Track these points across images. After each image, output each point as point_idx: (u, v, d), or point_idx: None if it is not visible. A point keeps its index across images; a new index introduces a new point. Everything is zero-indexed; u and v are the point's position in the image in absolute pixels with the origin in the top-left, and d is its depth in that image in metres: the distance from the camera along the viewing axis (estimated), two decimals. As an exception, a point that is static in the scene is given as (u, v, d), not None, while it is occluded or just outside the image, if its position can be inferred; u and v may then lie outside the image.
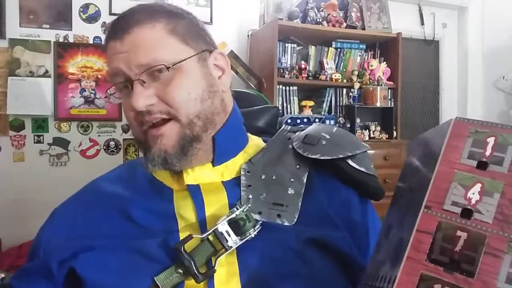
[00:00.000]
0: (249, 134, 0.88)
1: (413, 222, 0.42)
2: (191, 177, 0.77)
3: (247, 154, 0.83)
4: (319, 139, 0.81)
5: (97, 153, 2.83)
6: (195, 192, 0.75)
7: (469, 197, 0.42)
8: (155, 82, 0.72)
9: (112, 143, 2.86)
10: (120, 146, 2.87)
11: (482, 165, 0.43)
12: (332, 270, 0.72)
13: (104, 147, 2.84)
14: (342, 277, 0.73)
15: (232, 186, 0.77)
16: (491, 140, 0.44)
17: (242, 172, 0.78)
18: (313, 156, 0.78)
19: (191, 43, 0.76)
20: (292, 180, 0.78)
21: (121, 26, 0.73)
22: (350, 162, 0.79)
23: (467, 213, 0.41)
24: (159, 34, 0.73)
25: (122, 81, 0.74)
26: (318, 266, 0.70)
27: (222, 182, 0.78)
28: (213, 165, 0.78)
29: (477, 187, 0.42)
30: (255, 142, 0.87)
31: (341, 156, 0.78)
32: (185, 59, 0.74)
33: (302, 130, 0.87)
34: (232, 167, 0.80)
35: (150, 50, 0.71)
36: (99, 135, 2.83)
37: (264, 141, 0.89)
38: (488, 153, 0.44)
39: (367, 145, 0.84)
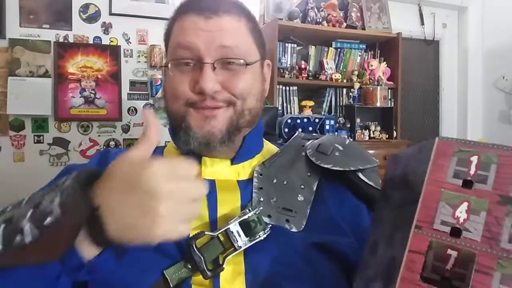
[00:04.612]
0: (263, 139, 0.92)
1: (404, 240, 0.43)
2: (208, 171, 0.79)
3: (262, 157, 0.85)
4: (333, 150, 0.83)
5: (97, 153, 2.83)
6: (210, 188, 0.75)
7: (457, 216, 0.42)
8: (223, 71, 0.75)
9: (112, 143, 2.86)
10: (120, 146, 2.87)
11: (467, 184, 0.44)
12: (336, 273, 0.72)
13: (104, 147, 2.85)
14: (345, 281, 0.74)
15: (246, 186, 0.79)
16: (474, 159, 0.45)
17: (255, 174, 0.80)
18: (326, 166, 0.80)
19: (259, 47, 0.82)
20: (302, 187, 0.79)
21: (208, 4, 0.76)
22: (360, 175, 0.81)
23: (456, 232, 0.42)
24: (243, 30, 0.78)
25: (188, 57, 0.76)
26: (322, 269, 0.71)
27: (237, 181, 0.79)
28: (232, 163, 0.81)
29: (464, 205, 0.43)
30: (269, 147, 0.91)
31: (352, 168, 0.80)
32: (256, 61, 0.80)
33: (316, 138, 0.89)
34: (247, 168, 0.82)
35: (235, 38, 0.75)
36: (99, 135, 2.83)
37: (278, 147, 0.92)
38: (472, 171, 0.44)
39: (377, 160, 0.86)
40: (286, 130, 2.69)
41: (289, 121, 2.74)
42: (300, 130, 2.81)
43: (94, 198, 0.53)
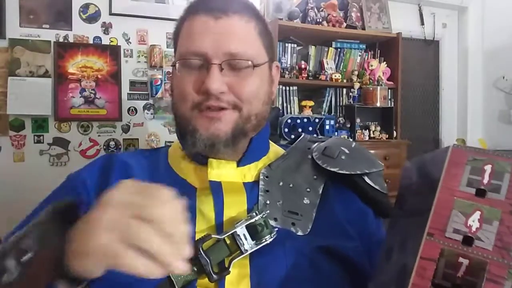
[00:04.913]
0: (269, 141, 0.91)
1: (416, 247, 0.43)
2: (215, 173, 0.78)
3: (268, 159, 0.85)
4: (339, 153, 0.82)
5: (97, 153, 2.83)
6: (216, 190, 0.76)
7: (470, 224, 0.42)
8: (231, 72, 0.76)
9: (112, 143, 2.86)
10: (120, 146, 2.87)
11: (480, 193, 0.44)
12: (341, 277, 0.72)
13: (104, 147, 2.84)
14: (351, 285, 0.73)
15: (252, 189, 0.79)
16: (488, 168, 0.45)
17: (261, 177, 0.80)
18: (332, 169, 0.80)
19: (267, 48, 0.82)
20: (308, 190, 0.79)
21: (218, 4, 0.76)
22: (366, 179, 0.81)
23: (468, 240, 0.42)
24: (252, 32, 0.78)
25: (196, 58, 0.76)
26: (327, 272, 0.71)
27: (243, 183, 0.79)
28: (238, 166, 0.81)
29: (477, 214, 0.43)
30: (275, 149, 0.90)
31: (358, 172, 0.80)
32: (264, 63, 0.79)
33: (322, 141, 0.89)
34: (253, 170, 0.82)
35: (243, 42, 0.75)
36: (99, 135, 2.83)
37: (283, 149, 0.91)
38: (486, 180, 0.44)
39: (382, 164, 0.86)
40: (286, 130, 2.69)
41: (289, 121, 2.74)
42: (300, 130, 2.83)
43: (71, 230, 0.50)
